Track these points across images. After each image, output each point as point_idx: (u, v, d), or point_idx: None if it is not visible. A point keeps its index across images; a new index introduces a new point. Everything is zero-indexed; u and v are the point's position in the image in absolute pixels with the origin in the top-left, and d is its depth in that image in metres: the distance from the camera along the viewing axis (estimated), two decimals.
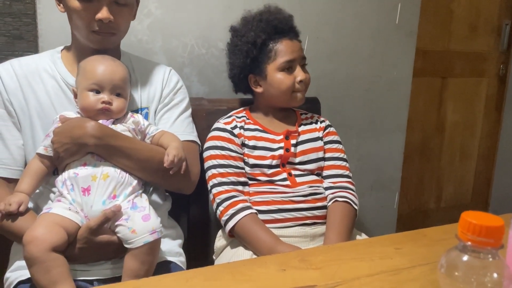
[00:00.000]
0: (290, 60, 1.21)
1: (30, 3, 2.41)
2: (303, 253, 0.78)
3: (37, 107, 1.00)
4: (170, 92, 1.14)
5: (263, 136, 1.24)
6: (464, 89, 2.39)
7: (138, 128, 1.01)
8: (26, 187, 0.93)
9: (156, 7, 1.37)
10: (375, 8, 1.69)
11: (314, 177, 1.25)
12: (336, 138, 1.32)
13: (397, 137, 1.88)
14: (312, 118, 1.34)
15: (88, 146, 0.92)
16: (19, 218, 0.92)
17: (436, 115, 2.35)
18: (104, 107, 0.95)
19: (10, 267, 0.98)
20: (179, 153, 0.97)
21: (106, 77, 0.95)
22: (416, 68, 1.84)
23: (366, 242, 0.87)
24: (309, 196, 1.19)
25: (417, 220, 2.41)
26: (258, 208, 1.17)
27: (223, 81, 1.49)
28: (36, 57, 1.08)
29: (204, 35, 1.45)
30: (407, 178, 2.22)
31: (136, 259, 0.88)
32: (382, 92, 1.79)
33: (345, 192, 1.22)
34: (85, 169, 0.92)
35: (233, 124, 1.24)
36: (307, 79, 1.24)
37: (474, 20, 2.32)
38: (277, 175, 1.21)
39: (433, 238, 0.87)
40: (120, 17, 0.99)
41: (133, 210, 0.90)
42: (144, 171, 0.98)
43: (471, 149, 2.51)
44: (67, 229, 0.86)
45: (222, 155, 1.19)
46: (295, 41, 1.24)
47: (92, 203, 0.90)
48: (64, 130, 0.93)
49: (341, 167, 1.28)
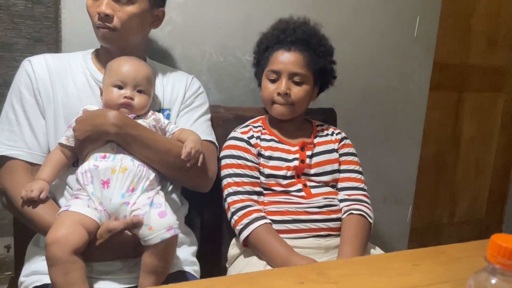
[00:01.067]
0: (274, 70, 1.21)
1: (52, 7, 2.46)
2: (321, 266, 0.77)
3: (63, 98, 1.03)
4: (192, 95, 1.18)
5: (278, 147, 1.24)
6: (481, 103, 2.37)
7: (159, 125, 1.04)
8: (47, 175, 0.95)
9: (176, 14, 1.38)
10: (394, 20, 1.69)
11: (329, 188, 1.25)
12: (352, 151, 1.32)
13: (412, 150, 1.86)
14: (328, 130, 1.34)
15: (109, 134, 0.94)
16: (40, 206, 0.93)
17: (451, 129, 2.33)
18: (126, 101, 0.98)
19: (25, 272, 0.99)
20: (196, 146, 0.99)
21: (129, 74, 0.99)
22: (433, 82, 1.83)
23: (384, 257, 0.86)
24: (324, 207, 1.19)
25: (430, 235, 2.39)
26: (273, 218, 1.16)
27: (240, 89, 1.50)
28: (68, 55, 1.12)
29: (222, 44, 1.46)
30: (421, 191, 2.20)
31: (154, 255, 0.89)
32: (398, 105, 1.78)
33: (360, 205, 1.21)
34: (105, 161, 0.93)
35: (250, 134, 1.25)
36: (291, 94, 1.20)
37: (493, 35, 2.30)
38: (292, 186, 1.20)
39: (451, 256, 0.86)
40: (121, 14, 1.02)
41: (150, 207, 0.91)
42: (162, 163, 0.99)
43: (486, 164, 2.48)
44: (87, 228, 0.87)
45: (238, 165, 1.20)
46: (294, 53, 1.21)
47: (111, 196, 0.91)
48: (86, 118, 0.95)
49: (356, 179, 1.27)
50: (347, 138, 1.33)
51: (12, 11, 2.30)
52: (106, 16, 1.01)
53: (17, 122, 1.01)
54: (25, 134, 1.01)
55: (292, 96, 1.21)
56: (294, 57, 1.20)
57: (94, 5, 1.03)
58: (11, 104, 1.03)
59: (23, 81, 1.03)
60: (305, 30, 1.24)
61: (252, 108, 1.43)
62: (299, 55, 1.21)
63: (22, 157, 0.99)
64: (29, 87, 1.03)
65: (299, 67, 1.20)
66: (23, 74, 1.04)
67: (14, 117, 1.02)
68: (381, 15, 1.66)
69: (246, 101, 1.50)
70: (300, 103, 1.23)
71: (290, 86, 1.21)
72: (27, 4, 2.34)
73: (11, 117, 1.02)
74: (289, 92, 1.20)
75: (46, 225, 0.90)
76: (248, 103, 1.49)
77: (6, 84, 2.27)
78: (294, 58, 1.20)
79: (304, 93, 1.22)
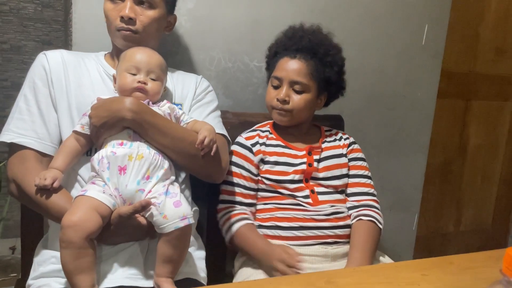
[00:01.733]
0: (277, 77, 1.22)
1: (61, 10, 2.48)
2: (329, 275, 0.77)
3: (76, 89, 1.05)
4: (202, 92, 1.19)
5: (285, 152, 1.23)
6: (488, 112, 2.36)
7: (174, 114, 1.05)
8: (60, 164, 0.96)
9: (186, 20, 1.39)
10: (402, 28, 1.69)
11: (337, 195, 1.24)
12: (361, 155, 1.31)
13: (419, 158, 1.86)
14: (336, 135, 1.34)
15: (125, 120, 0.94)
16: (53, 194, 0.94)
17: (458, 137, 2.32)
18: (139, 86, 0.99)
19: (33, 274, 0.99)
20: (210, 135, 1.01)
21: (142, 60, 1.01)
22: (440, 90, 1.83)
23: (392, 266, 0.86)
24: (331, 215, 1.18)
25: (436, 243, 2.37)
26: (279, 224, 1.16)
27: (247, 95, 1.50)
28: (83, 53, 1.15)
29: (231, 49, 1.46)
30: (427, 199, 2.19)
31: (168, 244, 0.90)
32: (405, 112, 1.78)
33: (370, 210, 1.21)
34: (122, 148, 0.94)
35: (255, 140, 1.24)
36: (290, 102, 1.20)
37: (500, 43, 2.30)
38: (299, 191, 1.20)
39: (460, 266, 0.85)
40: (143, 18, 1.06)
41: (165, 196, 0.92)
42: (177, 150, 1.00)
43: (493, 173, 2.47)
44: (101, 214, 0.88)
45: (234, 173, 1.21)
46: (298, 61, 1.20)
47: (127, 182, 0.92)
48: (102, 104, 0.96)
49: (366, 185, 1.27)
50: (355, 143, 1.33)
51: (22, 14, 2.32)
52: (130, 19, 1.04)
53: (28, 111, 1.02)
54: (35, 123, 1.01)
55: (291, 104, 1.20)
56: (297, 65, 1.20)
57: (115, 9, 1.05)
58: (24, 93, 1.04)
59: (37, 71, 1.05)
60: (311, 39, 1.22)
61: (260, 113, 1.43)
62: (303, 64, 1.20)
63: (31, 145, 0.99)
64: (43, 78, 1.04)
65: (300, 76, 1.20)
66: (38, 66, 1.05)
67: (25, 106, 1.02)
68: (389, 22, 1.67)
69: (253, 106, 1.51)
70: (299, 112, 1.22)
71: (290, 94, 1.20)
72: (37, 7, 2.37)
73: (22, 106, 1.02)
74: (288, 99, 1.20)
75: (60, 211, 0.91)
76: (256, 109, 1.49)
77: (14, 86, 2.28)
78: (297, 66, 1.20)
79: (304, 102, 1.21)
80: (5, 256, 2.06)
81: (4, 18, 2.18)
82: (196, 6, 1.39)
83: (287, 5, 1.50)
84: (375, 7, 1.63)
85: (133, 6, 1.05)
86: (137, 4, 1.06)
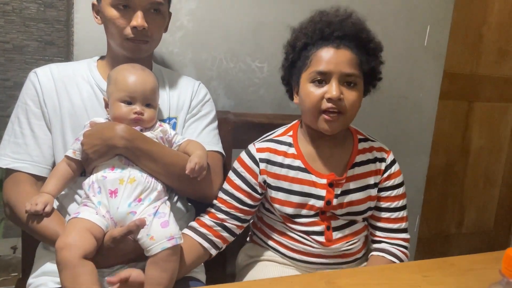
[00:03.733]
0: (321, 72, 0.99)
1: (63, 10, 2.48)
2: (330, 275, 0.77)
3: (70, 109, 1.03)
4: (198, 104, 1.16)
5: (303, 179, 1.05)
6: (491, 114, 2.35)
7: (166, 137, 1.03)
8: (52, 189, 0.95)
9: (188, 20, 1.39)
10: (404, 29, 1.69)
11: (357, 226, 1.11)
12: (397, 181, 1.11)
13: (421, 159, 1.85)
14: (371, 152, 1.11)
15: (118, 148, 0.93)
16: (44, 218, 0.93)
17: (461, 139, 2.32)
18: (136, 117, 0.97)
19: (34, 273, 0.99)
20: (200, 161, 0.98)
21: (137, 89, 0.97)
22: (442, 91, 1.82)
23: (393, 267, 0.86)
24: (342, 251, 1.08)
25: (437, 245, 2.36)
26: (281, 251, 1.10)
27: (249, 95, 1.50)
28: (73, 64, 1.12)
29: (233, 50, 1.46)
30: (429, 201, 2.18)
31: (157, 267, 0.88)
32: (407, 113, 1.77)
33: (397, 249, 1.09)
34: (113, 172, 0.93)
35: (265, 155, 1.07)
36: (344, 99, 0.98)
37: (504, 45, 2.29)
38: (312, 226, 1.06)
39: (461, 268, 0.85)
40: (153, 26, 1.03)
41: (153, 217, 0.91)
42: (168, 175, 0.99)
43: (495, 175, 2.46)
44: (95, 235, 0.87)
45: (233, 182, 1.08)
46: (344, 51, 0.99)
47: (119, 205, 0.91)
48: (94, 132, 0.95)
49: (398, 219, 1.11)
50: (393, 164, 1.12)
51: (24, 14, 2.33)
52: (143, 29, 1.00)
53: (21, 134, 1.02)
54: (29, 146, 1.01)
55: (346, 102, 0.99)
56: (346, 56, 0.99)
57: (122, 17, 1.00)
58: (17, 115, 1.03)
59: (29, 93, 1.04)
60: (354, 23, 1.02)
61: (261, 114, 1.43)
62: (351, 53, 1.00)
63: (26, 169, 1.00)
64: (35, 99, 1.03)
65: (352, 67, 0.99)
66: (29, 86, 1.04)
67: (19, 129, 1.02)
68: (391, 23, 1.66)
69: (255, 107, 1.50)
70: (353, 111, 1.01)
71: (342, 91, 0.99)
72: (39, 7, 2.37)
73: (16, 129, 1.02)
74: (343, 97, 0.98)
75: (51, 235, 0.91)
76: (258, 109, 1.49)
77: (16, 86, 2.29)
78: (347, 56, 0.99)
79: (358, 98, 1.01)
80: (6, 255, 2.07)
81: (6, 18, 2.18)
82: (198, 6, 1.39)
83: (288, 6, 1.50)
84: (377, 9, 1.63)
85: (145, 14, 1.01)
86: (146, 13, 1.01)
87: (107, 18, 1.02)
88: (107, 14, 1.01)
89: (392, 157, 1.14)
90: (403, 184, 1.13)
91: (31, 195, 0.94)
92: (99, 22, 1.07)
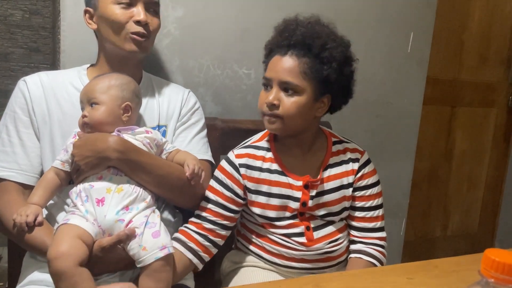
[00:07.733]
0: (265, 77, 1.05)
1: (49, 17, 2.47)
2: (317, 279, 0.78)
3: (59, 116, 1.03)
4: (188, 112, 1.17)
5: (280, 181, 1.08)
6: (473, 118, 2.41)
7: (155, 142, 1.02)
8: (39, 200, 0.94)
9: (175, 28, 1.40)
10: (388, 36, 1.72)
11: (337, 225, 1.12)
12: (372, 181, 1.13)
13: (406, 164, 1.88)
14: (344, 154, 1.13)
15: (110, 160, 0.92)
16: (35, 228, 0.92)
17: (444, 143, 2.36)
18: (82, 121, 0.97)
19: (21, 282, 0.98)
20: (198, 163, 1.00)
21: (83, 92, 0.99)
22: (426, 96, 1.86)
23: (379, 270, 0.87)
24: (325, 254, 1.09)
25: (423, 248, 2.40)
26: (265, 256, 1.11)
27: (236, 102, 1.52)
28: (63, 72, 1.13)
29: (220, 57, 1.47)
30: (414, 205, 2.21)
31: (150, 278, 0.87)
32: (392, 119, 1.80)
33: (373, 249, 1.12)
34: (100, 182, 0.93)
35: (244, 161, 1.09)
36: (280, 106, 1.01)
37: (484, 51, 2.35)
38: (292, 227, 1.08)
39: (444, 270, 0.87)
40: (152, 23, 1.07)
41: (145, 227, 0.90)
42: (161, 186, 0.99)
43: (478, 179, 2.51)
44: (86, 242, 0.86)
45: (215, 190, 1.08)
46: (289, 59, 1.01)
47: (106, 213, 0.90)
48: (86, 143, 0.94)
49: (373, 218, 1.13)
50: (367, 164, 1.14)
51: (9, 21, 2.31)
52: (146, 24, 1.04)
53: (9, 142, 1.01)
54: (17, 155, 1.01)
55: (281, 108, 1.01)
56: (287, 64, 1.01)
57: (125, 13, 1.03)
58: (5, 123, 1.03)
59: (18, 101, 1.03)
60: (305, 32, 1.02)
61: (249, 120, 1.44)
62: (294, 61, 1.01)
63: (14, 178, 0.99)
64: (23, 107, 1.03)
65: (291, 75, 1.00)
66: (18, 94, 1.04)
67: (7, 137, 1.02)
68: (376, 31, 1.69)
69: (242, 113, 1.52)
70: (290, 117, 1.02)
71: (280, 97, 1.01)
72: (25, 14, 2.35)
73: (4, 137, 1.02)
74: (278, 103, 1.01)
75: (39, 245, 0.90)
76: (245, 116, 1.50)
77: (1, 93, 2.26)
78: (288, 64, 1.01)
79: (296, 106, 1.01)
80: None
81: None
82: (185, 14, 1.40)
83: (275, 13, 1.51)
84: (362, 16, 1.66)
85: (146, 11, 1.05)
86: (146, 10, 1.05)
87: (108, 17, 1.03)
88: (109, 12, 1.02)
89: (367, 157, 1.15)
90: (379, 184, 1.15)
91: (19, 204, 0.94)
92: (93, 27, 1.07)
